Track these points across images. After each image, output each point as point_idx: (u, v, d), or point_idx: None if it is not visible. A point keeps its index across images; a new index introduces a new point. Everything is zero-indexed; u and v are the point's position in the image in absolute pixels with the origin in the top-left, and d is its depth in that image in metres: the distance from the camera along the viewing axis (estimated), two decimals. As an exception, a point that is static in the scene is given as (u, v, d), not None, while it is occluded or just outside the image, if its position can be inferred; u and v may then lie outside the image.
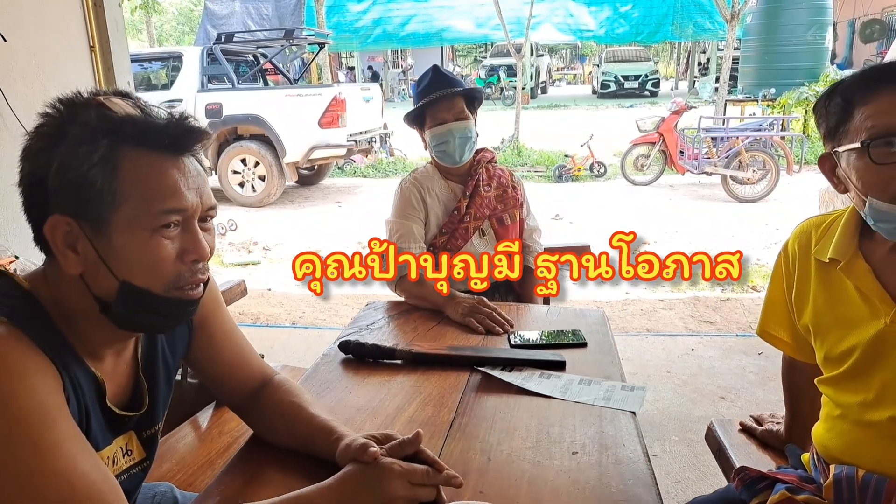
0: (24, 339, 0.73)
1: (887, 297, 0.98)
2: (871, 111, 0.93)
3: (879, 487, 0.95)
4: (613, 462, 0.97)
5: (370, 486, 0.83)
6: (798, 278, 1.14)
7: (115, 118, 0.78)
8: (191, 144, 0.82)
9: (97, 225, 0.77)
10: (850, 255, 1.03)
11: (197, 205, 0.81)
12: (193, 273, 0.82)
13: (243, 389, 1.07)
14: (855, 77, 0.98)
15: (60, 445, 0.71)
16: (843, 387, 1.05)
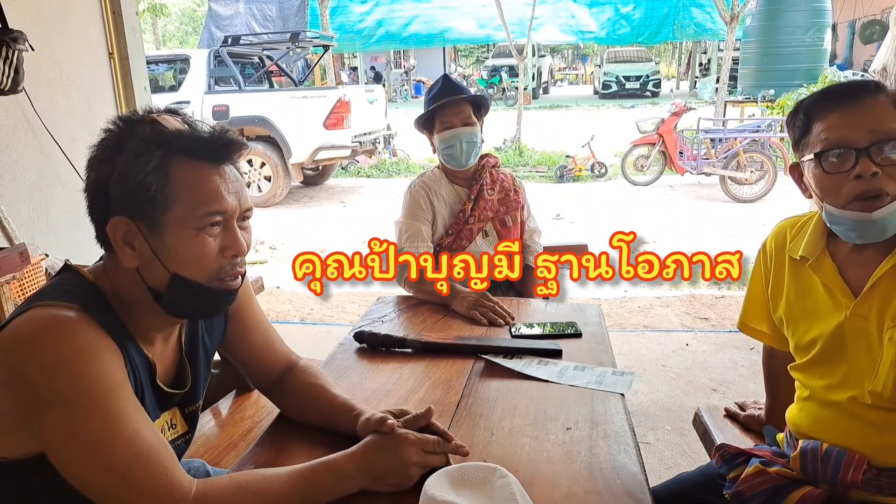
0: (93, 323, 0.85)
1: (848, 292, 1.10)
2: (824, 126, 1.05)
3: (839, 458, 1.07)
4: (602, 436, 1.09)
5: (388, 452, 0.95)
6: (774, 274, 1.26)
7: (166, 132, 0.90)
8: (231, 154, 0.94)
9: (151, 225, 0.89)
10: (818, 253, 1.15)
11: (236, 207, 0.93)
12: (233, 266, 0.94)
13: (271, 373, 1.19)
14: (815, 95, 1.10)
15: (126, 414, 0.83)
16: (811, 372, 1.17)
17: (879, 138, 1.01)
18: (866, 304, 1.07)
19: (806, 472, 1.10)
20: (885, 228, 1.04)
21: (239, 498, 0.86)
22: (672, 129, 7.48)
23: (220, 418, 1.83)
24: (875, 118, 1.02)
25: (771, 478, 1.12)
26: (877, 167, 1.01)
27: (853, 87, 1.06)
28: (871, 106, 1.03)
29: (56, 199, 2.81)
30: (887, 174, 1.01)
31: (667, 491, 1.31)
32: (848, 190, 1.03)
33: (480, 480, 0.82)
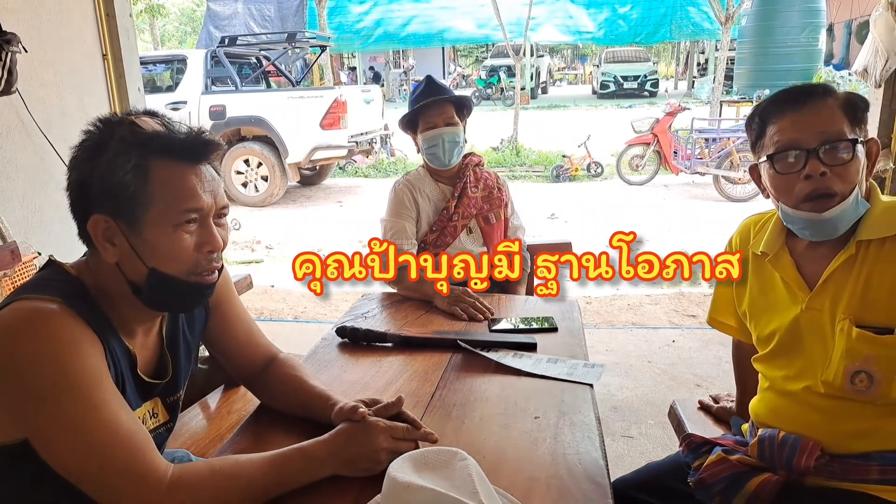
0: (74, 315, 0.89)
1: (804, 286, 1.15)
2: (776, 129, 1.10)
3: (795, 445, 1.11)
4: (569, 424, 1.13)
5: (359, 439, 0.99)
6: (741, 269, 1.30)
7: (144, 133, 0.94)
8: (207, 154, 0.98)
9: (130, 222, 0.93)
10: (776, 249, 1.20)
11: (212, 205, 0.97)
12: (209, 261, 0.98)
13: (252, 365, 1.23)
14: (769, 99, 1.15)
15: (106, 401, 0.87)
16: (771, 363, 1.22)
17: (828, 139, 1.06)
18: (820, 297, 1.12)
19: (763, 459, 1.14)
20: (836, 227, 1.08)
21: (213, 481, 0.90)
22: (667, 128, 7.53)
23: (209, 412, 1.87)
24: (823, 121, 1.07)
25: (732, 465, 1.16)
26: (825, 167, 1.05)
27: (803, 91, 1.11)
28: (819, 109, 1.08)
29: (49, 199, 2.84)
30: (836, 174, 1.06)
31: (636, 479, 1.35)
32: (799, 189, 1.08)
33: (442, 463, 0.86)
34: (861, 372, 1.06)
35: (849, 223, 1.09)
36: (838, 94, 1.10)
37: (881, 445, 1.08)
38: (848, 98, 1.10)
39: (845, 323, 1.08)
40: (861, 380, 1.07)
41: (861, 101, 1.11)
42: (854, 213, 1.09)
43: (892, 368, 1.05)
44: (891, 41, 2.66)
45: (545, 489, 0.95)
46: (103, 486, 0.85)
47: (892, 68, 2.72)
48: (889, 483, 1.07)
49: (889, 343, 1.05)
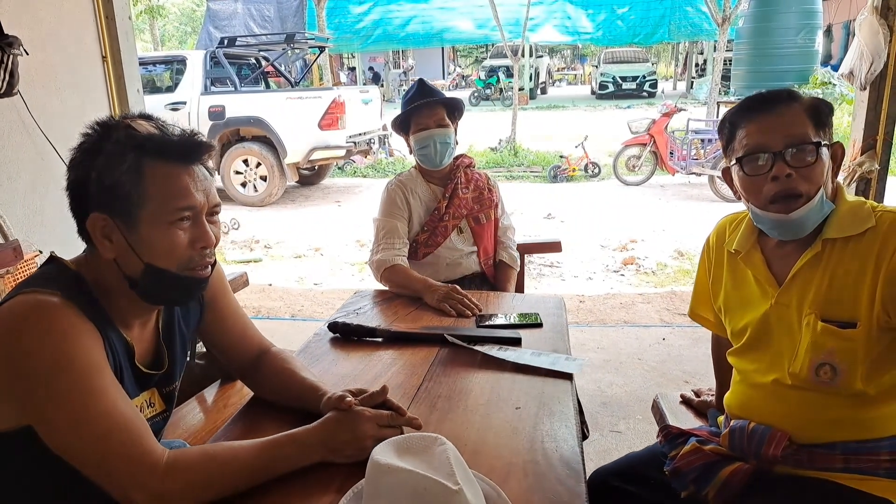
0: (74, 307, 0.94)
1: (774, 282, 1.20)
2: (745, 133, 1.16)
3: (763, 435, 1.16)
4: (548, 414, 1.18)
5: (346, 426, 1.04)
6: (715, 266, 1.36)
7: (139, 136, 0.99)
8: (199, 156, 1.03)
9: (127, 220, 0.98)
10: (748, 247, 1.25)
11: (204, 203, 1.02)
12: (202, 257, 1.03)
13: (246, 357, 1.29)
14: (737, 105, 1.21)
15: (105, 389, 0.92)
16: (744, 357, 1.27)
17: (793, 142, 1.11)
18: (788, 292, 1.17)
19: (734, 448, 1.19)
20: (802, 226, 1.14)
21: (207, 465, 0.95)
22: (663, 129, 7.58)
23: (206, 405, 1.92)
24: (789, 124, 1.12)
25: (705, 455, 1.21)
26: (791, 169, 1.11)
27: (770, 97, 1.16)
28: (785, 113, 1.13)
29: (50, 199, 2.89)
30: (802, 175, 1.11)
31: (615, 468, 1.40)
32: (767, 190, 1.13)
33: (422, 448, 0.91)
34: (825, 364, 1.11)
35: (815, 223, 1.14)
36: (804, 99, 1.15)
37: (845, 436, 1.13)
38: (813, 103, 1.15)
39: (811, 317, 1.13)
40: (825, 371, 1.12)
41: (825, 106, 1.16)
42: (819, 214, 1.13)
43: (854, 360, 1.10)
44: (875, 44, 2.71)
45: (522, 473, 1.00)
46: (103, 470, 0.90)
47: (877, 71, 2.77)
48: (852, 472, 1.12)
49: (851, 336, 1.10)
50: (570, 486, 0.97)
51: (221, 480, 0.95)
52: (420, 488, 0.83)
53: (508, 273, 2.19)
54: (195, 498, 0.93)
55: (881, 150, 2.86)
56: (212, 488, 0.94)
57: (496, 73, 20.97)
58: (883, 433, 1.12)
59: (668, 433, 1.34)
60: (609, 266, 4.91)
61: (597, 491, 1.33)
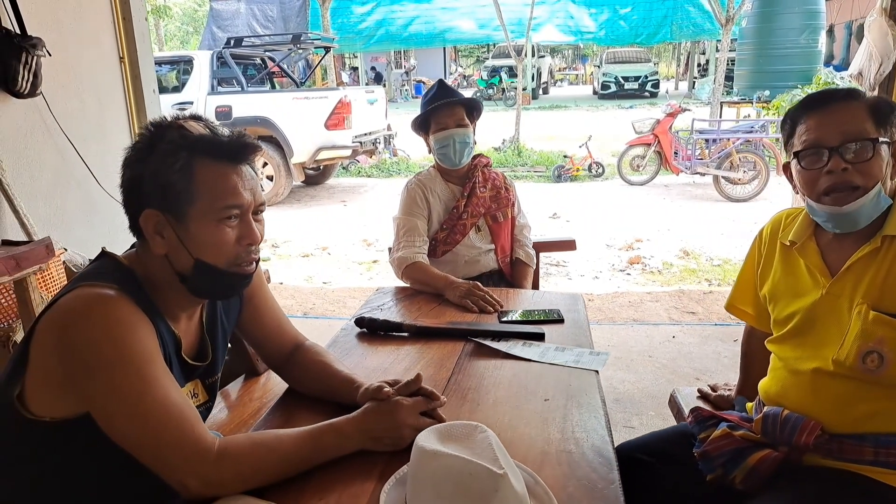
0: (129, 300, 0.99)
1: (827, 272, 1.23)
2: (804, 129, 1.19)
3: (796, 423, 1.18)
4: (576, 406, 1.23)
5: (385, 416, 1.08)
6: (766, 256, 1.39)
7: (191, 136, 1.03)
8: (247, 155, 1.07)
9: (178, 216, 1.02)
10: (804, 238, 1.28)
11: (251, 201, 1.06)
12: (248, 253, 1.08)
13: (281, 351, 1.33)
14: (799, 103, 1.25)
15: (159, 379, 0.96)
16: (785, 344, 1.30)
17: (848, 139, 1.14)
18: (841, 283, 1.20)
19: (766, 434, 1.22)
20: (856, 220, 1.17)
21: (255, 451, 0.99)
22: (667, 129, 7.62)
23: (230, 400, 1.96)
24: (845, 121, 1.15)
25: (735, 440, 1.23)
26: (846, 164, 1.14)
27: (829, 94, 1.20)
28: (842, 110, 1.16)
29: (70, 197, 2.94)
30: (857, 170, 1.14)
31: (640, 443, 1.43)
32: (821, 183, 1.17)
33: (464, 435, 0.95)
34: (873, 352, 1.13)
35: (869, 217, 1.16)
36: (865, 97, 1.18)
37: (877, 427, 1.15)
38: (874, 101, 1.18)
39: (863, 307, 1.15)
40: (872, 360, 1.13)
41: (887, 105, 1.18)
42: (875, 208, 1.16)
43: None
44: (884, 46, 2.75)
45: (556, 462, 1.04)
46: (159, 456, 0.94)
47: (886, 72, 2.81)
48: (881, 465, 1.14)
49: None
50: (604, 473, 1.02)
51: (268, 467, 0.99)
52: (465, 473, 0.87)
53: (525, 270, 2.23)
54: (244, 483, 0.97)
55: (889, 150, 2.89)
56: (259, 474, 0.98)
57: (498, 73, 21.02)
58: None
59: (699, 415, 1.35)
60: (615, 265, 4.95)
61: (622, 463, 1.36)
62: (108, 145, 3.11)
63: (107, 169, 3.03)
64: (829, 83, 8.82)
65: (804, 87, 8.92)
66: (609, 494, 0.96)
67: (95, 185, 2.98)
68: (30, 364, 0.97)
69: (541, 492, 0.94)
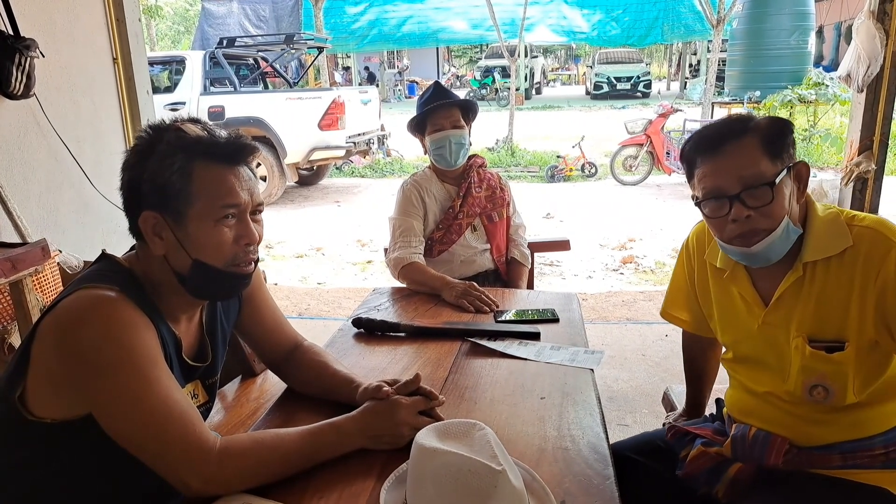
0: (130, 302, 0.99)
1: (760, 302, 1.23)
2: (700, 174, 1.16)
3: (765, 441, 1.21)
4: (572, 404, 1.24)
5: (384, 415, 1.10)
6: (698, 271, 1.39)
7: (188, 138, 1.04)
8: (244, 156, 1.08)
9: (176, 217, 1.03)
10: (732, 265, 1.26)
11: (248, 201, 1.07)
12: (246, 253, 1.08)
13: (280, 351, 1.34)
14: (692, 139, 1.20)
15: (161, 379, 0.97)
16: (739, 367, 1.32)
17: (748, 184, 1.10)
18: (774, 314, 1.20)
19: (737, 456, 1.24)
20: (768, 257, 1.15)
21: (256, 450, 1.00)
22: (659, 129, 7.67)
23: (227, 401, 1.96)
24: (741, 165, 1.10)
25: (711, 457, 1.27)
26: (749, 210, 1.10)
27: (720, 134, 1.14)
28: (736, 152, 1.11)
29: (64, 199, 2.93)
30: (761, 213, 1.11)
31: (632, 443, 1.45)
32: (729, 231, 1.14)
33: (462, 433, 0.96)
34: (818, 386, 1.15)
35: (781, 252, 1.15)
36: (757, 127, 1.12)
37: (841, 437, 1.18)
38: (766, 131, 1.12)
39: (799, 341, 1.16)
40: (819, 392, 1.16)
41: (781, 129, 1.13)
42: (786, 242, 1.14)
43: (845, 380, 1.14)
44: (872, 48, 2.78)
45: (552, 458, 1.06)
46: (161, 456, 0.95)
47: (874, 74, 2.84)
48: (850, 468, 1.17)
49: (840, 360, 1.13)
50: (599, 469, 1.03)
51: (269, 466, 1.00)
52: (465, 469, 0.89)
53: (520, 270, 2.25)
54: (245, 482, 0.98)
55: (878, 150, 2.94)
56: (260, 473, 0.99)
57: (491, 74, 21.05)
58: (876, 430, 1.17)
59: (676, 432, 1.39)
60: (608, 265, 4.98)
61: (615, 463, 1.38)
62: (102, 147, 3.10)
63: (100, 170, 3.03)
64: (819, 84, 8.89)
65: (794, 88, 8.99)
66: (605, 490, 0.98)
67: (89, 186, 2.97)
68: (31, 365, 0.98)
69: (538, 488, 0.96)
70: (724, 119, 1.20)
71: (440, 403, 1.15)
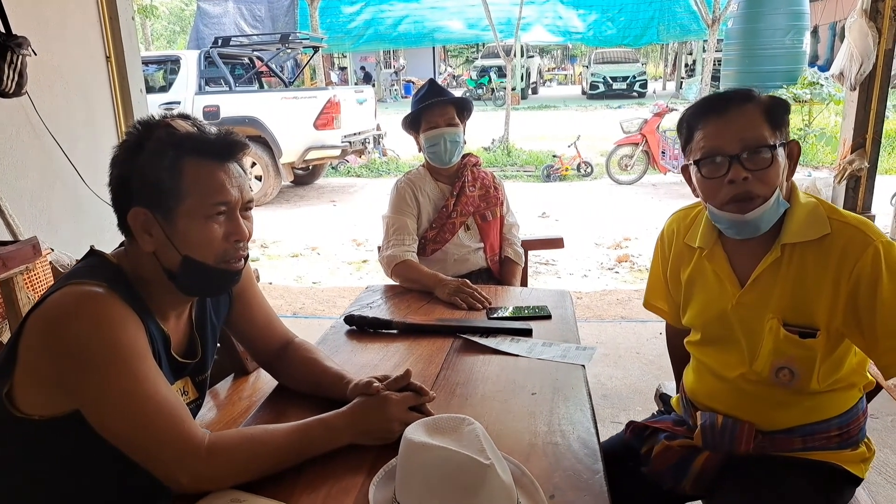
0: (118, 298, 0.99)
1: (735, 281, 1.24)
2: (702, 135, 1.17)
3: (734, 429, 1.22)
4: (563, 399, 1.24)
5: (375, 410, 1.10)
6: (672, 258, 1.39)
7: (178, 135, 1.04)
8: (234, 153, 1.08)
9: (166, 214, 1.03)
10: (711, 244, 1.27)
11: (238, 198, 1.07)
12: (236, 250, 1.08)
13: (271, 348, 1.34)
14: (695, 105, 1.22)
15: (149, 375, 0.97)
16: (704, 350, 1.32)
17: (749, 145, 1.12)
18: (750, 294, 1.21)
19: (707, 444, 1.25)
20: (758, 226, 1.16)
21: (245, 446, 1.00)
22: (655, 129, 7.68)
23: (219, 399, 1.96)
24: (744, 127, 1.13)
25: (676, 451, 1.28)
26: (747, 172, 1.12)
27: (725, 98, 1.17)
28: (740, 115, 1.13)
29: (56, 197, 2.92)
30: (757, 178, 1.12)
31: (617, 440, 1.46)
32: (724, 193, 1.15)
33: (452, 428, 0.96)
34: (785, 368, 1.17)
35: (770, 222, 1.16)
36: (759, 99, 1.16)
37: (802, 420, 1.21)
38: (768, 103, 1.15)
39: (774, 322, 1.17)
40: (785, 374, 1.18)
41: (781, 105, 1.17)
42: (775, 213, 1.16)
43: (811, 366, 1.16)
44: (864, 46, 2.79)
45: (542, 454, 1.06)
46: (150, 452, 0.95)
47: (867, 72, 2.85)
48: (810, 450, 1.21)
49: (812, 346, 1.15)
50: (589, 464, 1.03)
51: (259, 461, 1.00)
52: (453, 464, 0.88)
53: (514, 268, 2.25)
54: (235, 478, 0.98)
55: (871, 148, 2.95)
56: (250, 469, 0.99)
57: (487, 73, 21.05)
58: (832, 413, 1.21)
59: (635, 428, 1.39)
60: (604, 264, 4.99)
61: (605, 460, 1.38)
62: (95, 145, 3.09)
63: (94, 169, 3.02)
64: (814, 83, 8.92)
65: (789, 87, 9.02)
66: (594, 485, 0.98)
67: (82, 184, 2.96)
68: (18, 362, 0.97)
69: (527, 482, 0.96)
70: (725, 90, 1.21)
71: (431, 399, 1.15)
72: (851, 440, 1.23)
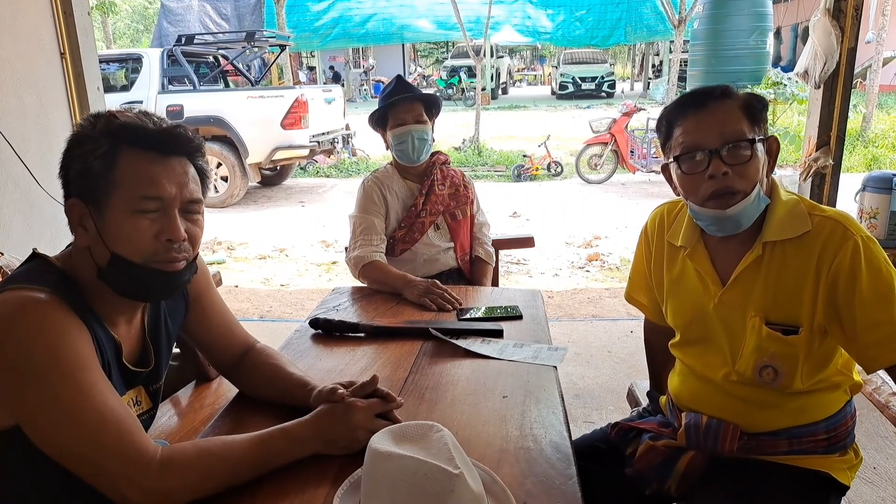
0: (62, 304, 0.93)
1: (717, 280, 1.23)
2: (681, 131, 1.16)
3: (718, 430, 1.21)
4: (535, 402, 1.21)
5: (340, 418, 1.04)
6: (655, 254, 1.38)
7: (117, 123, 0.98)
8: (175, 147, 1.01)
9: (97, 206, 0.97)
10: (694, 242, 1.26)
11: (175, 195, 0.99)
12: (167, 250, 0.99)
13: (231, 354, 1.27)
14: (674, 103, 1.22)
15: (95, 386, 0.91)
16: (688, 350, 1.31)
17: (728, 140, 1.11)
18: (731, 292, 1.20)
19: (690, 444, 1.24)
20: (739, 222, 1.15)
21: (202, 461, 0.94)
22: (623, 128, 7.75)
23: (180, 407, 1.88)
24: (723, 121, 1.12)
25: (660, 451, 1.26)
26: (727, 167, 1.11)
27: (703, 94, 1.16)
28: (719, 110, 1.13)
29: (8, 199, 2.80)
30: (737, 173, 1.12)
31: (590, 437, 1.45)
32: (704, 188, 1.14)
33: (419, 435, 0.92)
34: (768, 366, 1.16)
35: (751, 219, 1.16)
36: (737, 95, 1.16)
37: (787, 423, 1.20)
38: (747, 99, 1.15)
39: (756, 320, 1.16)
40: (768, 373, 1.17)
41: (759, 102, 1.16)
42: (756, 209, 1.15)
43: (794, 364, 1.15)
44: (828, 45, 2.84)
45: (514, 459, 1.02)
46: (95, 467, 0.89)
47: (830, 70, 2.90)
48: (795, 453, 1.20)
49: (794, 343, 1.14)
50: (561, 469, 1.00)
51: (216, 475, 0.94)
52: (420, 474, 0.84)
53: (484, 268, 2.22)
54: (190, 493, 0.92)
55: (835, 145, 3.00)
56: (206, 484, 0.93)
57: (458, 74, 21.05)
58: (820, 416, 1.20)
59: (620, 429, 1.37)
60: (574, 262, 5.00)
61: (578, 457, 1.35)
62: (49, 144, 2.97)
63: (47, 169, 2.89)
64: (778, 83, 9.10)
65: (753, 87, 9.19)
66: (567, 490, 0.94)
67: (35, 185, 2.84)
68: None
69: (498, 490, 0.92)
70: (703, 87, 1.21)
71: (398, 406, 1.10)
72: (839, 444, 1.22)
